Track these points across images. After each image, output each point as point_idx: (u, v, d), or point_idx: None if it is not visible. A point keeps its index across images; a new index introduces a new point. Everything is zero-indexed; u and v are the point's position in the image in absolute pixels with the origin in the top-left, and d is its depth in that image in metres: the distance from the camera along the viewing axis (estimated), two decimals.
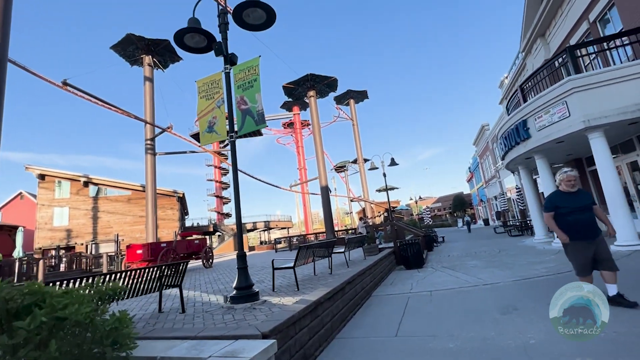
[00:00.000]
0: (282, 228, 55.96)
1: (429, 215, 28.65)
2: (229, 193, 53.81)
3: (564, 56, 8.40)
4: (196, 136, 46.12)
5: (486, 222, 37.34)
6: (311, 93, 21.40)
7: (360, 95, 42.61)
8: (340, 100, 42.49)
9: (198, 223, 44.43)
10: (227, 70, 5.32)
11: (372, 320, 4.36)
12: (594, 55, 9.76)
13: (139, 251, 10.07)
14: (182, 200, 33.74)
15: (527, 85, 10.14)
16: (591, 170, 12.39)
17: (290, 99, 23.41)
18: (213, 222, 45.81)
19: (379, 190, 43.57)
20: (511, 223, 19.99)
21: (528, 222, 16.44)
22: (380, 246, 11.51)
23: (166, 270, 4.49)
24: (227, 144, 48.97)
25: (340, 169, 41.41)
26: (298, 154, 50.49)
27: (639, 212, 9.97)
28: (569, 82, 7.69)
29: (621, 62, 8.49)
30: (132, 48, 19.48)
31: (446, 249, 13.74)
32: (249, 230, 45.51)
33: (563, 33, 11.75)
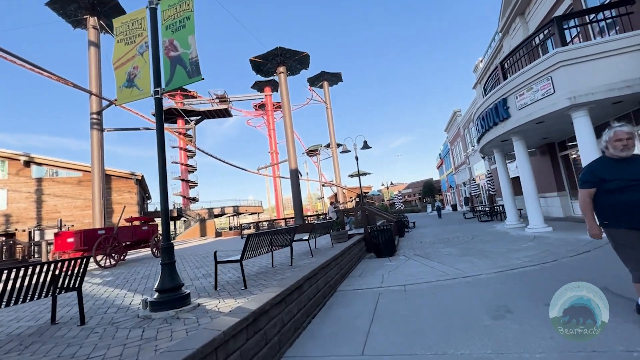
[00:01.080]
0: (253, 213, 54.52)
1: (400, 201, 28.56)
2: (195, 176, 51.27)
3: (550, 28, 7.74)
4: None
5: (454, 207, 38.12)
6: (281, 69, 19.90)
7: (334, 78, 41.36)
8: (314, 82, 41.06)
9: None
10: (152, 5, 4.03)
11: (334, 329, 3.45)
12: (575, 33, 9.26)
13: (70, 239, 8.54)
14: (141, 183, 31.29)
15: (507, 63, 9.50)
16: (563, 155, 12.24)
17: (259, 76, 21.73)
18: (178, 206, 43.44)
19: (352, 176, 43.13)
20: (480, 208, 20.09)
21: (495, 207, 16.41)
22: (350, 232, 10.73)
23: (60, 267, 3.29)
24: (197, 123, 46.24)
25: (312, 152, 40.34)
26: (269, 137, 48.69)
27: None
28: (557, 55, 7.04)
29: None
30: (73, 7, 16.89)
31: (417, 235, 13.27)
32: (216, 216, 43.65)
33: (545, 9, 11.19)
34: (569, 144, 11.70)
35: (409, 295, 4.35)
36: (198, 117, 45.12)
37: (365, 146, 18.43)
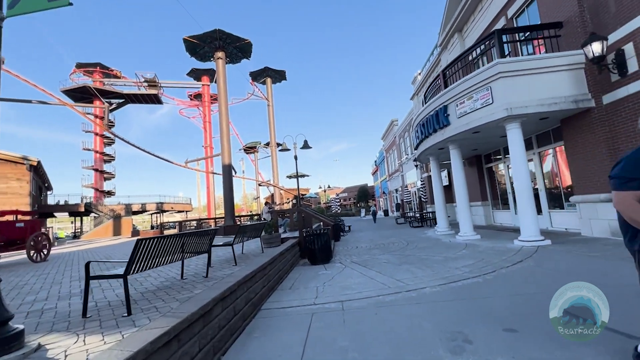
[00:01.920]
0: (180, 211, 50.10)
1: (337, 204, 28.61)
2: (113, 167, 45.15)
3: (491, 40, 7.90)
4: (73, 92, 36.56)
5: (386, 212, 39.82)
6: (219, 54, 18.16)
7: (278, 75, 40.15)
8: (257, 77, 39.34)
9: (66, 201, 35.78)
10: None
11: None
12: (507, 51, 9.80)
13: None
14: (37, 170, 26.07)
15: (449, 71, 9.64)
16: (488, 167, 13.05)
17: (194, 59, 19.55)
18: (88, 200, 37.55)
19: (290, 177, 42.28)
20: (411, 214, 20.91)
21: (425, 214, 17.06)
22: (285, 235, 9.81)
23: None
24: (114, 108, 40.63)
25: (250, 150, 38.46)
26: (204, 130, 45.28)
27: None
28: (497, 65, 7.13)
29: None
30: None
31: (353, 239, 12.94)
32: (135, 212, 38.81)
33: (481, 28, 11.81)
34: (493, 157, 12.52)
35: (348, 316, 3.59)
36: (121, 101, 39.78)
37: (306, 146, 17.74)
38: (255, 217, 26.24)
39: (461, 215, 9.45)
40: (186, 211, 51.04)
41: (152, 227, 41.43)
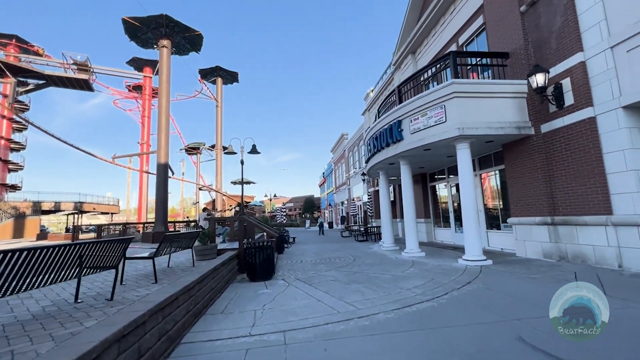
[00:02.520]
0: (105, 213, 44.59)
1: (283, 214, 27.63)
2: (22, 157, 38.66)
3: (447, 61, 8.07)
4: None
5: (330, 225, 39.92)
6: (165, 42, 16.50)
7: (230, 77, 38.43)
8: (207, 75, 37.20)
9: None
10: None
11: None
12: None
13: None
14: None
15: (405, 87, 9.71)
16: (431, 185, 13.48)
17: (134, 43, 17.50)
18: None
19: (235, 183, 40.26)
20: (356, 228, 20.96)
21: (369, 228, 17.09)
22: (223, 246, 8.78)
23: None
24: (32, 89, 35.05)
25: (192, 151, 35.85)
26: (142, 126, 41.28)
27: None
28: (453, 85, 7.23)
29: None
30: None
31: (298, 252, 12.27)
32: (46, 212, 33.39)
33: (433, 52, 12.32)
34: (437, 176, 12.98)
35: (291, 354, 2.92)
36: (41, 82, 34.40)
37: (254, 151, 16.79)
38: (193, 223, 24.13)
39: (408, 232, 9.40)
40: (112, 213, 45.56)
41: (67, 230, 36.00)
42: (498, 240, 9.23)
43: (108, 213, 44.74)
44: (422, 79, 9.96)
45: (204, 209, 14.23)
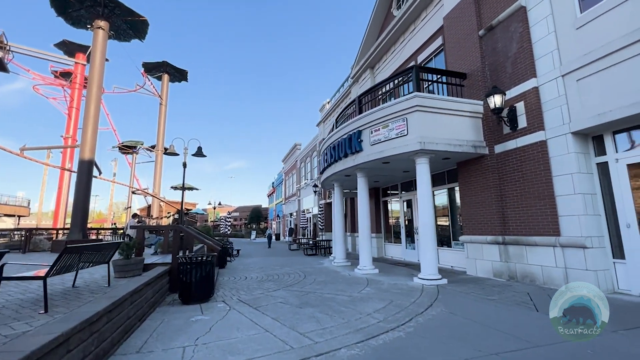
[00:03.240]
0: (9, 215, 37.92)
1: (228, 224, 25.60)
2: None
3: (410, 74, 7.99)
4: None
5: (277, 236, 38.66)
6: (101, 23, 14.47)
7: (178, 74, 35.86)
8: (152, 69, 34.27)
9: None
10: None
11: None
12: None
13: None
14: None
15: (365, 98, 9.49)
16: (383, 200, 13.43)
17: (61, 19, 15.10)
18: None
19: (175, 188, 37.08)
20: (304, 241, 20.25)
21: (319, 241, 16.54)
22: (153, 259, 7.45)
23: None
24: None
25: (128, 149, 32.30)
26: (69, 117, 36.25)
27: (416, 242, 10.98)
28: (415, 98, 7.08)
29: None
30: None
31: (242, 266, 11.18)
32: None
33: (392, 68, 12.46)
34: (390, 191, 12.98)
35: None
36: None
37: (199, 153, 15.33)
38: (121, 231, 21.25)
39: (362, 247, 8.99)
40: (19, 216, 38.88)
41: None
42: (449, 258, 9.26)
43: (14, 215, 38.07)
44: (379, 93, 9.87)
45: (134, 215, 12.40)
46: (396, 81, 8.59)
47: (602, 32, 5.50)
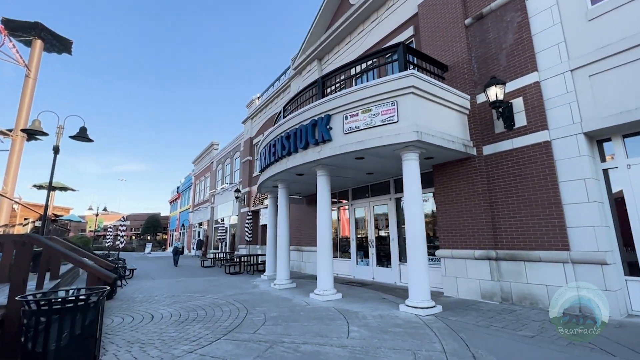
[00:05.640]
0: None
1: (122, 234, 19.79)
2: None
3: (394, 54, 6.58)
4: None
5: (182, 250, 33.17)
6: None
7: (58, 43, 27.79)
8: (17, 29, 25.83)
9: None
10: None
11: None
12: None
13: None
14: None
15: (332, 80, 7.74)
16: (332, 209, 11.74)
17: None
18: None
19: (40, 187, 28.33)
20: (222, 256, 16.99)
21: (246, 257, 13.76)
22: None
23: None
24: None
25: None
26: None
27: (371, 257, 9.59)
28: (412, 77, 5.63)
29: None
30: None
31: (141, 295, 7.85)
32: None
33: (345, 60, 11.09)
34: (339, 199, 11.40)
35: None
36: None
37: (83, 136, 11.00)
38: None
39: (321, 265, 6.99)
40: None
41: None
42: None
43: None
44: (342, 77, 8.25)
45: None
46: (374, 60, 7.10)
47: (622, 24, 4.99)
